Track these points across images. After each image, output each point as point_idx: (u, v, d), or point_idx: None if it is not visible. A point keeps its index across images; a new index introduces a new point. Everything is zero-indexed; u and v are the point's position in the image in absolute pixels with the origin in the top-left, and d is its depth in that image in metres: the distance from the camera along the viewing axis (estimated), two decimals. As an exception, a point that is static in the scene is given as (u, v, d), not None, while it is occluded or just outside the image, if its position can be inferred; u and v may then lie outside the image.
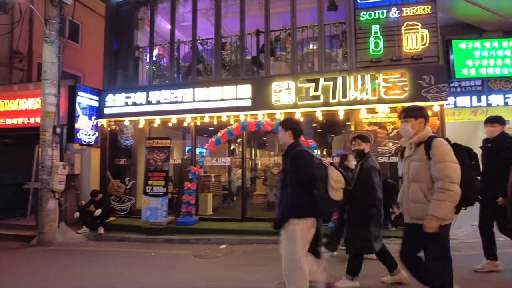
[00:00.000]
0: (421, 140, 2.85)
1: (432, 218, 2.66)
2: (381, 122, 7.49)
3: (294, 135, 3.28)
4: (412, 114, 2.98)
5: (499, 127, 4.35)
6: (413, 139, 2.93)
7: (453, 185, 2.62)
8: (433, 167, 2.72)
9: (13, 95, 9.17)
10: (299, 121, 3.47)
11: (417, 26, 7.39)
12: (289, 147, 3.26)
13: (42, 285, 4.65)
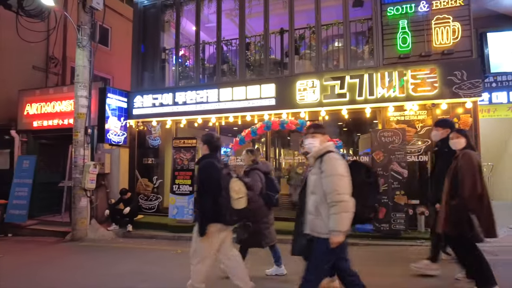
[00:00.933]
0: (319, 154, 2.92)
1: (338, 233, 2.71)
2: (409, 120, 7.26)
3: (209, 149, 3.62)
4: (320, 130, 3.09)
5: (442, 131, 4.21)
6: (312, 153, 3.00)
7: (341, 195, 2.71)
8: (323, 181, 2.80)
9: (49, 98, 9.65)
10: (217, 137, 3.77)
11: (448, 19, 7.09)
12: (200, 157, 3.64)
13: (76, 279, 4.86)
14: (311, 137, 3.08)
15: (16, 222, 8.37)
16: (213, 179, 3.36)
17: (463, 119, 6.96)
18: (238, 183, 3.40)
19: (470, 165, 3.48)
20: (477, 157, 3.59)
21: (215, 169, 3.40)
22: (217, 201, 3.31)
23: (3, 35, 10.27)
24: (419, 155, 7.14)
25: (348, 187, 2.77)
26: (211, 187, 3.35)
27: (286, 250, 6.11)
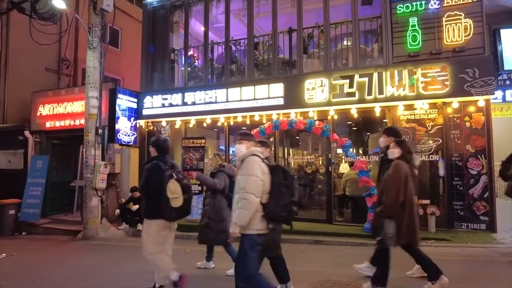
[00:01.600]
0: (243, 157, 3.14)
1: (235, 226, 2.98)
2: (420, 119, 7.17)
3: (157, 151, 3.96)
4: (246, 137, 3.30)
5: (387, 138, 4.21)
6: (238, 157, 3.24)
7: (247, 194, 2.91)
8: (238, 178, 3.09)
9: (61, 99, 9.82)
10: (164, 140, 4.07)
11: (459, 16, 6.98)
12: (148, 159, 4.03)
13: (87, 277, 4.94)
14: (238, 143, 3.28)
15: (29, 220, 8.55)
16: (156, 180, 3.64)
17: (475, 118, 6.84)
18: (174, 184, 3.62)
19: (396, 174, 3.64)
20: (406, 167, 3.69)
21: (158, 171, 3.69)
22: (158, 200, 3.60)
23: (17, 38, 10.51)
24: (429, 155, 7.04)
25: (257, 188, 2.96)
26: (154, 187, 3.65)
27: (289, 251, 6.11)
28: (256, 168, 3.00)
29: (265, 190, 3.02)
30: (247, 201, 2.92)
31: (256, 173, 2.97)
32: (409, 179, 3.63)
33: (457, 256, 5.39)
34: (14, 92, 10.71)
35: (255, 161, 3.05)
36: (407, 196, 3.61)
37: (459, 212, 6.79)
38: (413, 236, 3.70)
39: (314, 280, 4.40)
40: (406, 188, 3.60)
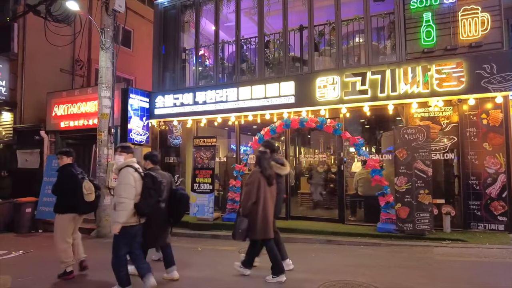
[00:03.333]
0: (121, 167, 3.96)
1: (117, 224, 3.78)
2: (434, 117, 7.01)
3: (71, 159, 5.03)
4: (125, 150, 4.13)
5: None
6: (117, 166, 4.03)
7: (121, 198, 3.77)
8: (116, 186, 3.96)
9: (74, 99, 10.00)
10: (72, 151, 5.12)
11: (476, 10, 6.78)
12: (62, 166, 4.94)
13: (98, 275, 5.00)
14: (118, 154, 4.11)
15: (46, 218, 8.70)
16: (70, 182, 4.76)
17: (492, 115, 6.64)
18: (88, 183, 4.87)
19: (250, 180, 4.40)
20: (258, 174, 4.38)
21: (72, 175, 4.80)
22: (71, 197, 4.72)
23: (33, 40, 10.75)
24: (444, 153, 6.88)
25: (131, 193, 3.81)
26: (68, 187, 4.74)
27: (301, 251, 6.06)
28: (130, 177, 3.85)
29: (137, 192, 3.87)
30: (124, 204, 3.76)
31: (129, 181, 3.84)
32: (261, 184, 4.32)
33: (474, 257, 5.24)
34: (31, 93, 10.97)
35: (129, 171, 3.88)
36: (260, 198, 4.28)
37: (476, 212, 6.61)
38: (267, 230, 4.34)
39: (326, 280, 4.35)
40: (258, 191, 4.28)
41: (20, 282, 4.67)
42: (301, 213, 8.31)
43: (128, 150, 4.15)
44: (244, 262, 4.66)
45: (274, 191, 4.52)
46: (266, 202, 4.32)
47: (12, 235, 7.61)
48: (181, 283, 4.53)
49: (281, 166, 4.79)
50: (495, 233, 6.35)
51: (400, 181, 6.44)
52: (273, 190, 4.50)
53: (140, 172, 3.98)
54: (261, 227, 4.29)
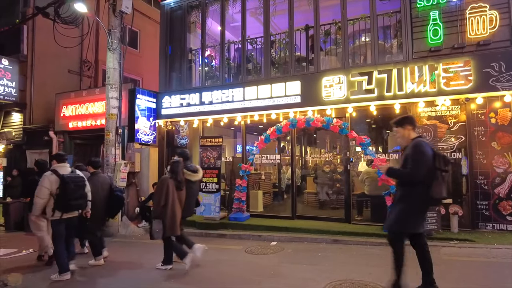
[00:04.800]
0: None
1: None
2: (441, 116, 6.96)
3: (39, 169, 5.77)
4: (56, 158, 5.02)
5: None
6: None
7: (37, 198, 4.61)
8: None
9: (82, 100, 10.13)
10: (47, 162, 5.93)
11: (484, 8, 6.72)
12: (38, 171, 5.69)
13: (106, 272, 5.07)
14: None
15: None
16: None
17: (501, 114, 6.58)
18: None
19: (159, 186, 4.96)
20: (167, 181, 4.93)
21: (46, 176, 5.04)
22: None
23: (42, 42, 10.91)
24: (452, 152, 6.82)
25: (44, 194, 4.58)
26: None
27: (307, 250, 6.06)
28: (46, 181, 4.61)
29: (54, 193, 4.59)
30: (37, 200, 4.62)
31: (45, 184, 4.60)
32: (170, 189, 4.86)
33: (482, 258, 5.20)
34: (40, 94, 11.14)
35: (46, 175, 4.65)
36: (168, 201, 4.82)
37: (484, 212, 6.55)
38: (174, 228, 4.91)
39: (332, 280, 4.36)
40: (167, 196, 4.82)
41: (30, 280, 4.76)
42: (307, 212, 8.31)
43: (58, 158, 4.98)
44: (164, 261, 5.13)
45: (183, 195, 5.14)
46: (174, 205, 4.91)
47: (22, 234, 7.73)
48: (184, 281, 4.57)
49: (192, 173, 5.41)
50: (504, 233, 6.28)
51: (407, 181, 6.40)
52: (182, 194, 5.13)
53: (60, 176, 4.64)
54: (169, 226, 4.87)
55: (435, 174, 3.36)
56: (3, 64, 10.41)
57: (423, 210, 3.58)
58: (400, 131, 3.67)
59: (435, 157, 3.41)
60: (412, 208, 3.48)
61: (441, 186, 3.38)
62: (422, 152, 3.40)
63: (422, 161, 3.38)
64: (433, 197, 3.38)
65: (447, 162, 3.46)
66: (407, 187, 3.54)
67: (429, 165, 3.38)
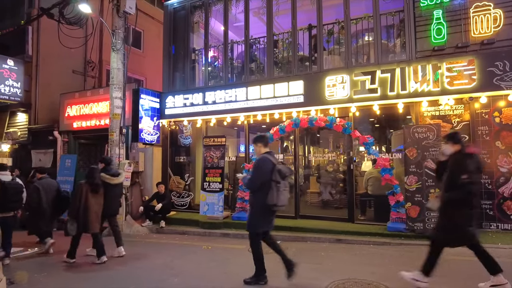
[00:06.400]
0: None
1: None
2: (445, 115, 6.94)
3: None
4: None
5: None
6: None
7: None
8: None
9: (86, 100, 10.20)
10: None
11: (488, 6, 6.69)
12: None
13: (112, 271, 5.12)
14: None
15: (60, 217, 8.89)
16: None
17: (505, 113, 6.55)
18: None
19: (76, 191, 5.57)
20: (82, 186, 5.50)
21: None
22: None
23: (46, 43, 10.99)
24: (456, 152, 6.79)
25: None
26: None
27: (310, 250, 6.07)
28: None
29: None
30: None
31: None
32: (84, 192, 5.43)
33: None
34: (44, 94, 11.22)
35: None
36: (81, 203, 5.39)
37: (488, 211, 6.52)
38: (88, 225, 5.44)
39: (336, 279, 4.37)
40: (81, 198, 5.40)
41: (36, 278, 4.81)
42: (311, 212, 8.31)
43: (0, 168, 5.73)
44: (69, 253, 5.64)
45: (100, 197, 5.66)
46: (87, 206, 5.44)
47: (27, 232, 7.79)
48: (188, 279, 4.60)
49: (112, 177, 5.92)
50: (508, 233, 6.26)
51: (410, 180, 6.40)
52: (100, 195, 5.65)
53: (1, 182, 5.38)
54: (83, 224, 5.43)
55: (270, 184, 4.03)
56: (9, 64, 10.49)
57: (264, 214, 4.21)
58: (254, 147, 4.52)
59: (273, 171, 4.08)
60: (256, 212, 4.24)
61: (274, 195, 4.03)
62: (257, 167, 4.24)
63: (256, 175, 4.17)
64: (268, 203, 4.05)
65: (283, 175, 4.12)
66: (252, 194, 4.38)
67: (266, 178, 4.06)
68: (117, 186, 6.13)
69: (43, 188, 6.09)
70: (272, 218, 4.35)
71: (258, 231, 4.25)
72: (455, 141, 3.97)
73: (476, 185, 3.82)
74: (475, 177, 3.78)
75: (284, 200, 4.15)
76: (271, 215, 4.30)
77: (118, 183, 6.12)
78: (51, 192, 6.26)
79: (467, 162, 3.76)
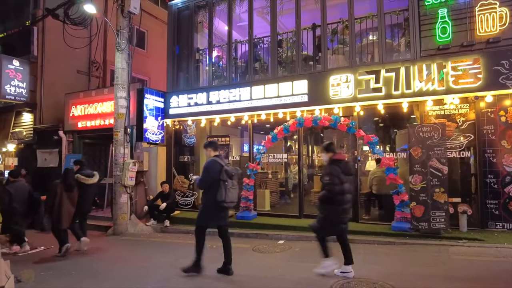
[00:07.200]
0: None
1: None
2: (450, 114, 6.90)
3: None
4: None
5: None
6: None
7: None
8: None
9: (91, 100, 10.25)
10: None
11: (494, 5, 6.63)
12: None
13: (117, 269, 5.15)
14: None
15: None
16: None
17: (511, 112, 6.50)
18: None
19: (50, 191, 5.93)
20: (56, 185, 5.91)
21: None
22: None
23: (51, 43, 11.06)
24: (460, 151, 6.77)
25: None
26: None
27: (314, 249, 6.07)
28: None
29: None
30: None
31: None
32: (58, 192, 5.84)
33: (492, 257, 5.16)
34: (49, 94, 11.29)
35: None
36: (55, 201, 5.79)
37: (494, 211, 6.48)
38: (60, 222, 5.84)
39: (340, 278, 4.36)
40: (55, 197, 5.81)
41: (43, 277, 4.84)
42: (315, 211, 8.23)
43: None
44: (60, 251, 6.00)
45: (74, 195, 6.06)
46: (60, 204, 5.83)
47: (33, 231, 7.86)
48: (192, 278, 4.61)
49: (86, 178, 6.44)
50: (514, 233, 6.22)
51: (415, 180, 6.38)
52: (73, 194, 6.05)
53: None
54: (56, 221, 5.83)
55: (219, 184, 4.44)
56: (14, 65, 10.57)
57: (214, 210, 4.58)
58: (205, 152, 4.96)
59: (221, 171, 4.49)
60: (207, 208, 4.67)
61: (223, 193, 4.44)
62: (206, 168, 4.64)
63: (205, 175, 4.61)
64: (217, 200, 4.43)
65: (230, 175, 4.52)
66: (204, 193, 4.79)
67: (214, 178, 4.48)
68: (92, 186, 6.65)
69: (15, 191, 6.38)
70: (223, 214, 4.73)
71: (206, 225, 4.72)
72: (327, 150, 4.65)
73: (340, 186, 4.36)
74: (338, 179, 4.35)
75: (232, 197, 4.55)
76: (222, 211, 4.67)
77: (92, 184, 6.62)
78: (23, 194, 6.53)
79: (331, 167, 4.47)
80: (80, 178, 6.39)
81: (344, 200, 4.40)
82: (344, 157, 4.88)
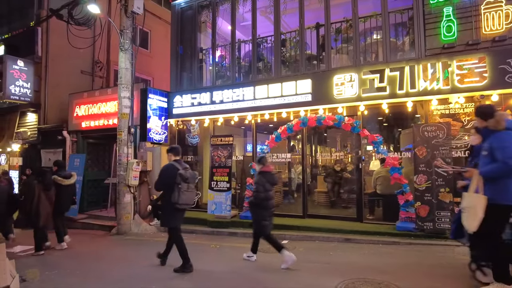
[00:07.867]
0: None
1: None
2: (455, 114, 6.84)
3: None
4: None
5: None
6: None
7: None
8: None
9: (95, 100, 10.27)
10: None
11: (500, 2, 6.57)
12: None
13: (121, 269, 5.15)
14: None
15: (69, 216, 8.99)
16: None
17: (516, 112, 6.43)
18: None
19: (28, 192, 6.16)
20: (34, 186, 6.11)
21: None
22: None
23: (55, 43, 11.10)
24: (465, 151, 6.71)
25: None
26: None
27: (319, 249, 6.04)
28: None
29: None
30: None
31: None
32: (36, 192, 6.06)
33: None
34: (53, 94, 11.34)
35: None
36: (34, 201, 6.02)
37: (500, 211, 6.41)
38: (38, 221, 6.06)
39: (345, 278, 4.34)
40: (34, 197, 6.03)
41: (47, 276, 4.86)
42: (318, 211, 8.28)
43: None
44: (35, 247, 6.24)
45: (52, 194, 6.35)
46: (38, 204, 6.07)
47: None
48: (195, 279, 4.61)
49: (63, 179, 6.66)
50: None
51: (420, 179, 6.34)
52: (51, 194, 6.33)
53: None
54: (34, 220, 6.06)
55: (173, 187, 4.68)
56: (19, 65, 10.62)
57: (173, 211, 4.80)
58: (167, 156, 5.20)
59: (176, 175, 4.71)
60: (166, 210, 4.93)
61: (176, 195, 4.68)
62: (161, 171, 5.02)
63: (160, 178, 4.93)
64: (171, 202, 4.70)
65: (184, 179, 4.72)
66: (163, 196, 5.08)
67: (170, 181, 4.72)
68: (69, 187, 6.84)
69: None
70: (179, 215, 4.97)
71: (172, 226, 4.92)
72: (259, 162, 5.34)
73: (264, 193, 5.06)
74: (262, 188, 5.04)
75: (186, 200, 4.78)
76: (177, 213, 4.88)
77: (69, 184, 6.83)
78: (2, 195, 6.63)
79: (259, 177, 5.17)
80: (57, 179, 6.62)
81: (268, 205, 5.10)
82: (271, 169, 5.41)
